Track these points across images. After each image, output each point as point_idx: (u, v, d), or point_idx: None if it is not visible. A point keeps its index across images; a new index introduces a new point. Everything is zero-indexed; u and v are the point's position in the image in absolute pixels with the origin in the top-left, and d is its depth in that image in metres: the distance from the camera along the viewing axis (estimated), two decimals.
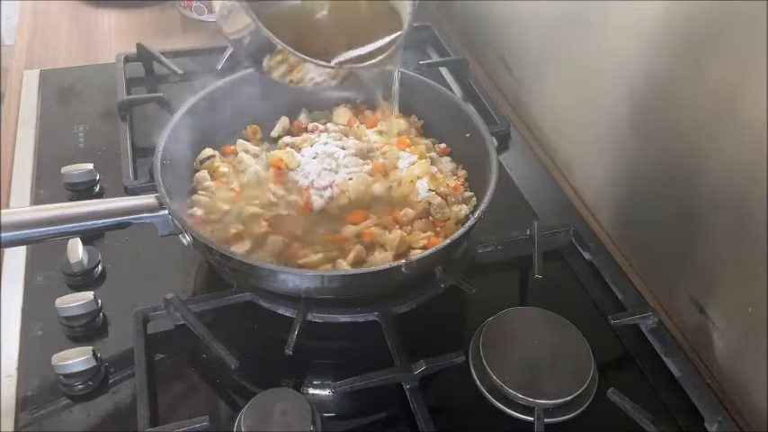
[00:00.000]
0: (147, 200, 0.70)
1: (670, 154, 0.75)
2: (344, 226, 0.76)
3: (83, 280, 0.76)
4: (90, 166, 0.88)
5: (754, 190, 0.63)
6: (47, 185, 0.88)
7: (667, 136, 0.75)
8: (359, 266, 0.71)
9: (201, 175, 0.81)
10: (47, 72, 1.09)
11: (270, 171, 0.82)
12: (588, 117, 0.90)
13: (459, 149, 0.87)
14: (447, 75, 1.13)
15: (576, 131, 0.94)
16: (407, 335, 0.70)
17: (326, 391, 0.68)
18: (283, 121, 0.90)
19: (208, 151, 0.84)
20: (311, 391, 0.68)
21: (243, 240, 0.73)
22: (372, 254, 0.73)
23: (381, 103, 0.82)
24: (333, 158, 0.83)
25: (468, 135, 0.83)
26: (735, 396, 0.70)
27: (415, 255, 0.71)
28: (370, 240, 0.75)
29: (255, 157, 0.85)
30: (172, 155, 0.76)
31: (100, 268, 0.77)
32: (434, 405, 0.65)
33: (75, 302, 0.71)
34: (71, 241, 0.76)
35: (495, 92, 1.12)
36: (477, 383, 0.67)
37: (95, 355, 0.67)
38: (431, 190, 0.80)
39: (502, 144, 0.99)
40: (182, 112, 0.80)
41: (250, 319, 0.73)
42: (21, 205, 0.85)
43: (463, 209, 0.79)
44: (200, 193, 0.80)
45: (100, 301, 0.72)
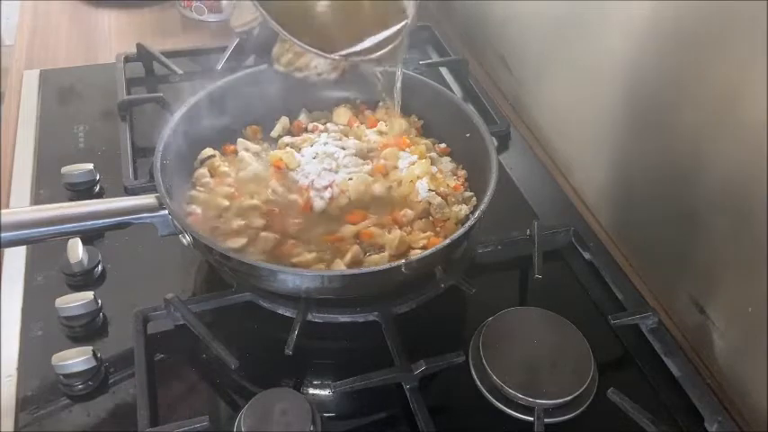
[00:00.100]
0: (147, 200, 0.70)
1: (670, 154, 0.75)
2: (343, 226, 0.76)
3: (83, 280, 0.76)
4: (90, 166, 0.88)
5: (754, 190, 0.63)
6: (47, 185, 0.88)
7: (667, 136, 0.75)
8: (356, 267, 0.71)
9: (201, 172, 0.81)
10: (47, 72, 1.09)
11: (270, 171, 0.82)
12: (588, 117, 0.90)
13: (459, 149, 0.87)
14: (447, 75, 1.13)
15: (576, 131, 0.94)
16: (407, 335, 0.70)
17: (326, 391, 0.68)
18: (283, 121, 0.90)
19: (208, 151, 0.83)
20: (311, 391, 0.68)
21: (239, 236, 0.73)
22: (371, 254, 0.73)
23: (386, 101, 0.82)
24: (333, 158, 0.83)
25: (468, 135, 0.83)
26: (735, 396, 0.70)
27: (415, 255, 0.71)
28: (370, 241, 0.75)
29: (256, 155, 0.85)
30: (172, 155, 0.76)
31: (100, 268, 0.77)
32: (434, 405, 0.65)
33: (75, 302, 0.71)
34: (71, 241, 0.76)
35: (495, 92, 1.12)
36: (477, 383, 0.67)
37: (95, 355, 0.67)
38: (431, 190, 0.80)
39: (502, 144, 0.99)
40: (182, 112, 0.80)
41: (250, 319, 0.73)
42: (21, 205, 0.85)
43: (463, 209, 0.79)
44: (198, 189, 0.79)
45: (100, 301, 0.72)
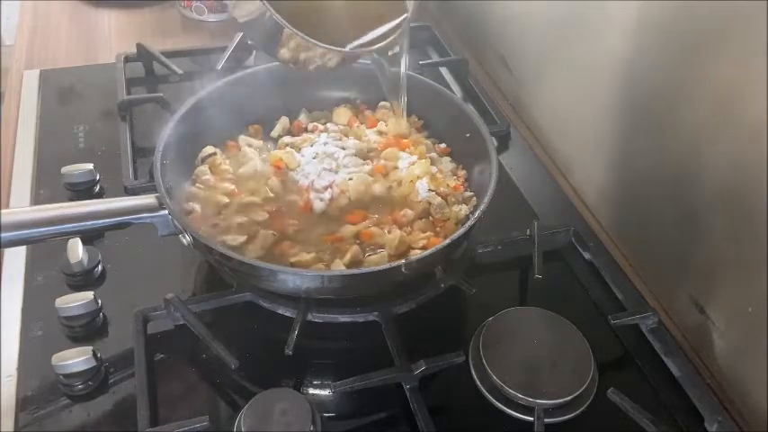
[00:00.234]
0: (147, 200, 0.70)
1: (670, 154, 0.75)
2: (343, 226, 0.76)
3: (83, 280, 0.76)
4: (90, 166, 0.88)
5: (754, 190, 0.63)
6: (47, 185, 0.88)
7: (667, 136, 0.75)
8: (355, 267, 0.71)
9: (201, 169, 0.81)
10: (47, 72, 1.09)
11: (270, 170, 0.82)
12: (588, 117, 0.90)
13: (459, 149, 0.87)
14: (447, 75, 1.13)
15: (576, 131, 0.94)
16: (407, 335, 0.70)
17: (326, 391, 0.68)
18: (283, 121, 0.90)
19: (209, 149, 0.83)
20: (311, 391, 0.68)
21: (238, 233, 0.73)
22: (371, 255, 0.73)
23: (391, 101, 0.82)
24: (333, 158, 0.83)
25: (468, 135, 0.83)
26: (735, 396, 0.70)
27: (415, 255, 0.71)
28: (370, 241, 0.75)
29: (258, 150, 0.85)
30: (172, 155, 0.76)
31: (100, 268, 0.77)
32: (434, 405, 0.65)
33: (75, 302, 0.71)
34: (71, 241, 0.76)
35: (495, 92, 1.12)
36: (477, 383, 0.67)
37: (95, 355, 0.67)
38: (431, 190, 0.80)
39: (502, 144, 0.99)
40: (182, 112, 0.80)
41: (250, 319, 0.73)
42: (21, 205, 0.85)
43: (463, 209, 0.79)
44: (198, 186, 0.79)
45: (100, 301, 0.72)
